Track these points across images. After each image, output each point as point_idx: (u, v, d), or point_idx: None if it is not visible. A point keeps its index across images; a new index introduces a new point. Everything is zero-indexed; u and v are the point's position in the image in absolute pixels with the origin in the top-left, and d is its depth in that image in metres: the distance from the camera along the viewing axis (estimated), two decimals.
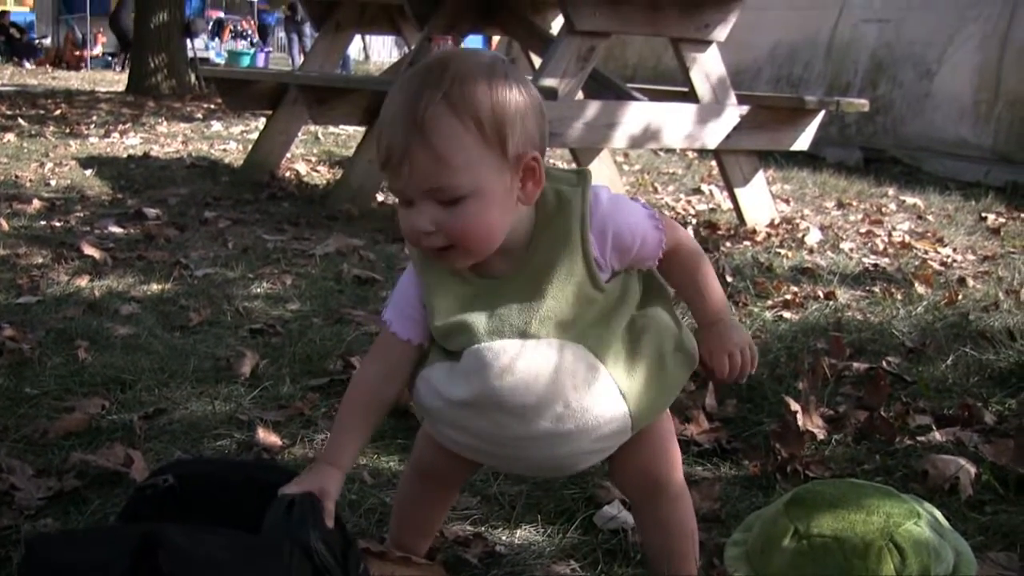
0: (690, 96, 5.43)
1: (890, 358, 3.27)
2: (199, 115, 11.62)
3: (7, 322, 3.34)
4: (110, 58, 25.14)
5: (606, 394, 1.60)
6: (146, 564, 1.42)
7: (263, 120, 7.93)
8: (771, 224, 5.64)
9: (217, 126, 10.35)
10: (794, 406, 2.65)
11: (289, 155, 7.56)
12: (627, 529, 2.09)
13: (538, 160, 1.55)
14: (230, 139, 9.32)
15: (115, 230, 4.96)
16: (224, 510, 1.71)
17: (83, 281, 3.94)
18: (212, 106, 12.59)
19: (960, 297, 4.09)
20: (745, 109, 5.42)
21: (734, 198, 5.70)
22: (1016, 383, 3.03)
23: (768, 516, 1.70)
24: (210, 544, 1.52)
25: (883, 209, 6.65)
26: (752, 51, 10.19)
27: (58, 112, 11.40)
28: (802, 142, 5.67)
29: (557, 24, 6.01)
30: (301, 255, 4.56)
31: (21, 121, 10.00)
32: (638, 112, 5.15)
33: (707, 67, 5.36)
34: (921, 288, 4.22)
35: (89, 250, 4.36)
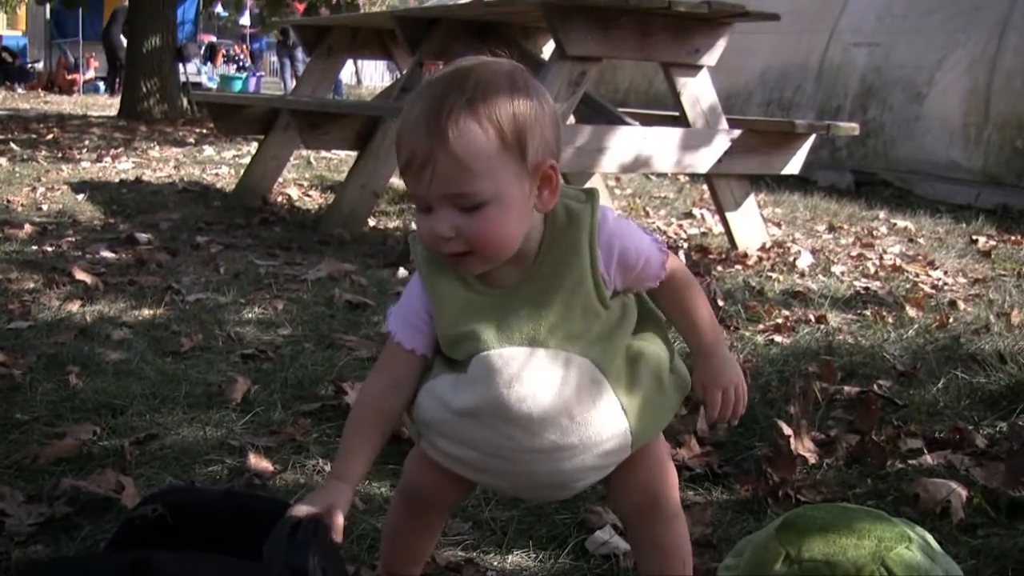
0: (681, 120, 5.45)
1: (881, 381, 3.28)
2: (191, 140, 11.63)
3: None
4: (99, 83, 25.12)
5: (609, 409, 1.62)
6: None
7: (255, 145, 7.93)
8: (762, 248, 5.65)
9: (209, 151, 10.36)
10: (785, 430, 2.65)
11: (281, 180, 7.56)
12: (619, 554, 2.08)
13: (555, 168, 1.58)
14: (222, 164, 9.33)
15: (107, 255, 4.95)
16: (214, 538, 1.71)
17: (74, 306, 3.94)
18: (204, 131, 12.59)
19: (951, 320, 4.10)
20: (736, 133, 5.43)
21: (725, 222, 5.71)
22: (1007, 406, 3.04)
23: (759, 541, 1.70)
24: (201, 571, 1.52)
25: (874, 232, 6.67)
26: (743, 75, 10.23)
27: (50, 136, 11.40)
28: (793, 166, 5.69)
29: (548, 49, 6.02)
30: (293, 280, 4.56)
31: (13, 145, 10.00)
32: (629, 137, 5.17)
33: (698, 92, 5.38)
34: (912, 311, 4.22)
35: (81, 275, 4.36)
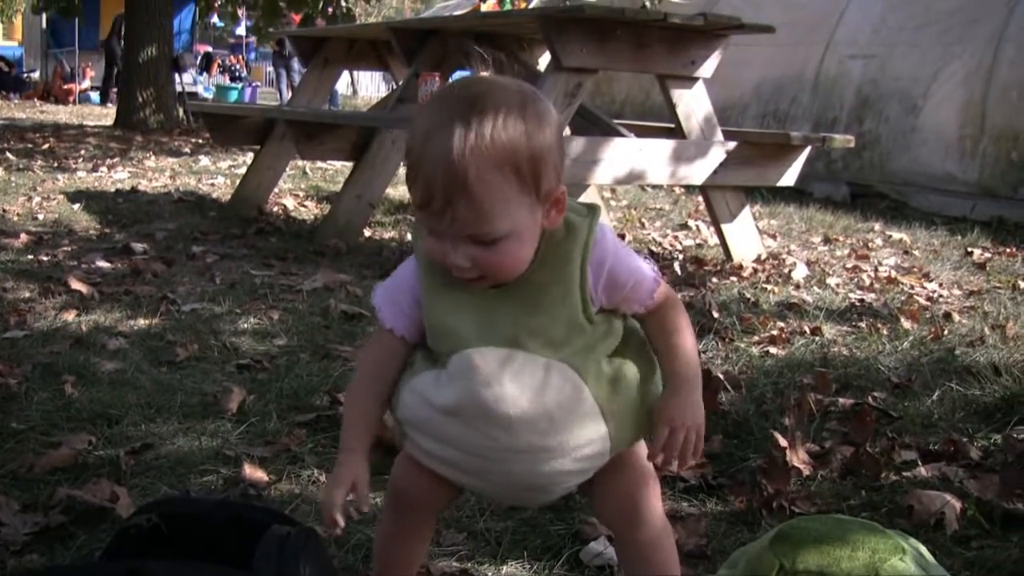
0: (677, 132, 5.46)
1: (876, 393, 3.28)
2: (187, 150, 11.63)
3: None
4: (92, 92, 25.09)
5: (588, 413, 1.64)
6: None
7: (251, 155, 7.94)
8: (757, 259, 5.66)
9: (205, 161, 10.36)
10: (780, 441, 2.65)
11: (277, 190, 7.57)
12: (613, 565, 2.08)
13: (564, 191, 1.61)
14: (218, 174, 9.33)
15: (102, 264, 4.95)
16: (209, 548, 1.71)
17: (70, 315, 3.94)
18: (200, 141, 12.60)
19: (946, 332, 4.10)
20: (731, 145, 5.44)
21: (721, 234, 5.72)
22: (1001, 418, 3.04)
23: (754, 552, 1.70)
24: None
25: (869, 244, 6.68)
26: (739, 87, 10.26)
27: (46, 146, 11.40)
28: (788, 178, 5.70)
29: (544, 60, 6.04)
30: (288, 290, 4.56)
31: (9, 155, 10.00)
32: (624, 148, 5.18)
33: (694, 103, 5.39)
34: (907, 323, 4.23)
35: (76, 284, 4.36)
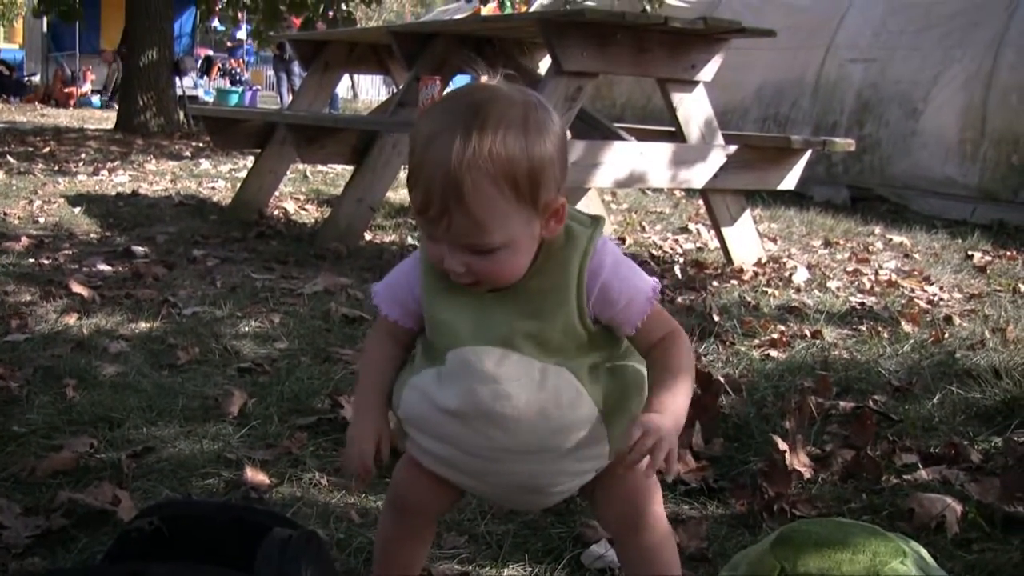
0: (677, 136, 5.47)
1: (876, 397, 3.28)
2: (187, 153, 11.64)
3: None
4: (95, 96, 25.11)
5: (586, 416, 1.64)
6: None
7: (251, 158, 7.94)
8: (758, 263, 5.66)
9: (205, 164, 10.37)
10: (781, 445, 2.66)
11: (277, 193, 7.57)
12: (614, 568, 2.09)
13: (564, 203, 1.61)
14: (218, 177, 9.33)
15: (103, 268, 4.95)
16: (210, 551, 1.72)
17: (71, 319, 3.94)
18: (200, 144, 12.61)
19: (946, 335, 4.11)
20: (732, 149, 5.45)
21: (721, 237, 5.73)
22: (1002, 421, 3.05)
23: (755, 555, 1.70)
24: None
25: (870, 248, 6.69)
26: (739, 91, 10.27)
27: (47, 149, 11.41)
28: (789, 181, 5.70)
29: (545, 64, 6.04)
30: (289, 294, 4.56)
31: (10, 158, 10.00)
32: (625, 152, 5.18)
33: (694, 107, 5.40)
34: (908, 327, 4.23)
35: (77, 288, 4.36)
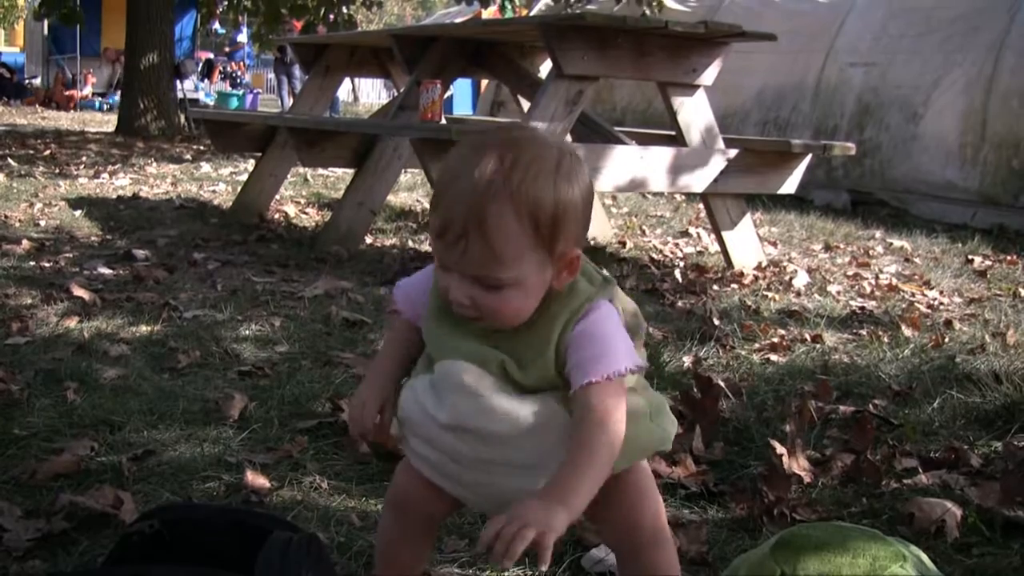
0: (678, 140, 5.47)
1: (876, 401, 3.29)
2: (188, 156, 11.65)
3: None
4: (98, 99, 25.13)
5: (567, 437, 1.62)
6: None
7: (252, 162, 7.94)
8: (758, 267, 5.67)
9: (206, 167, 10.37)
10: (780, 449, 2.66)
11: (278, 197, 7.58)
12: (614, 572, 2.08)
13: (579, 256, 1.60)
14: (219, 180, 9.34)
15: (104, 271, 4.96)
16: (211, 554, 1.72)
17: (72, 322, 3.94)
18: (201, 147, 12.62)
19: (946, 340, 4.11)
20: (732, 153, 5.46)
21: (721, 241, 5.73)
22: (1002, 426, 3.05)
23: (755, 559, 1.70)
24: None
25: (870, 252, 6.69)
26: (740, 95, 10.28)
27: (48, 152, 11.41)
28: (789, 185, 5.71)
29: (545, 68, 6.05)
30: (290, 297, 4.56)
31: (11, 161, 10.01)
32: (625, 156, 5.19)
33: (694, 111, 5.40)
34: (908, 331, 4.24)
35: (78, 291, 4.36)
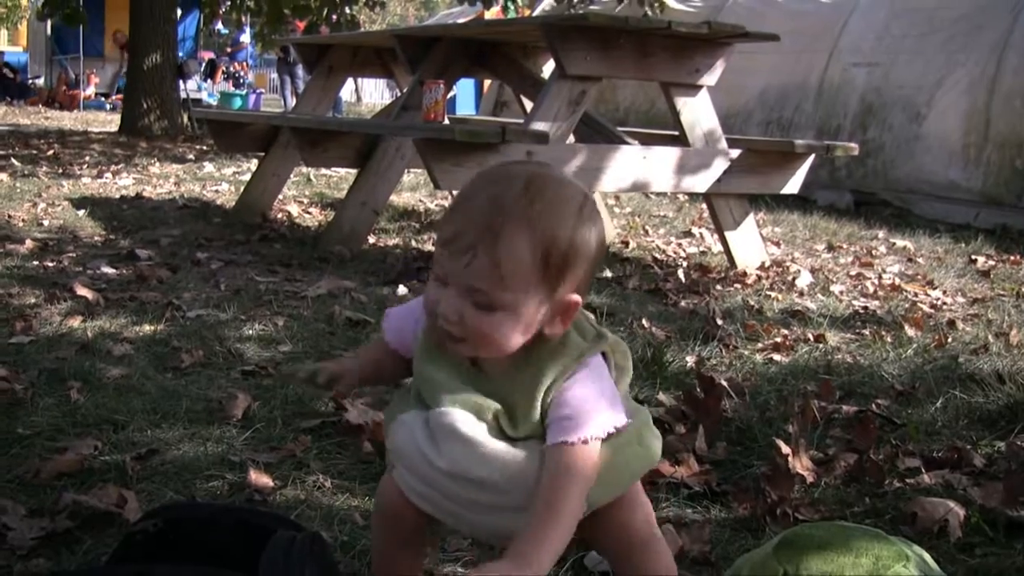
0: (680, 140, 5.47)
1: (879, 401, 3.28)
2: (191, 156, 11.65)
3: (0, 362, 3.34)
4: (103, 99, 25.17)
5: None
6: None
7: (255, 162, 7.95)
8: (761, 267, 5.67)
9: (209, 167, 10.38)
10: (784, 448, 2.66)
11: (281, 197, 7.58)
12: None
13: (578, 304, 1.59)
14: (222, 180, 9.34)
15: (108, 271, 4.96)
16: (214, 553, 1.72)
17: (76, 321, 3.95)
18: (204, 147, 12.62)
19: (950, 340, 4.11)
20: (735, 153, 5.46)
21: (724, 241, 5.73)
22: (1005, 426, 3.05)
23: (757, 559, 1.70)
24: None
25: (873, 252, 6.69)
26: (742, 95, 10.27)
27: (51, 152, 11.42)
28: (792, 185, 5.71)
29: (548, 68, 6.05)
30: (293, 297, 4.57)
31: (14, 161, 10.01)
32: (628, 156, 5.19)
33: (697, 111, 5.40)
34: (911, 331, 4.24)
35: (82, 290, 4.36)
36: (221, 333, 3.90)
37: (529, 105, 6.16)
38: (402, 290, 4.73)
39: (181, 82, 16.39)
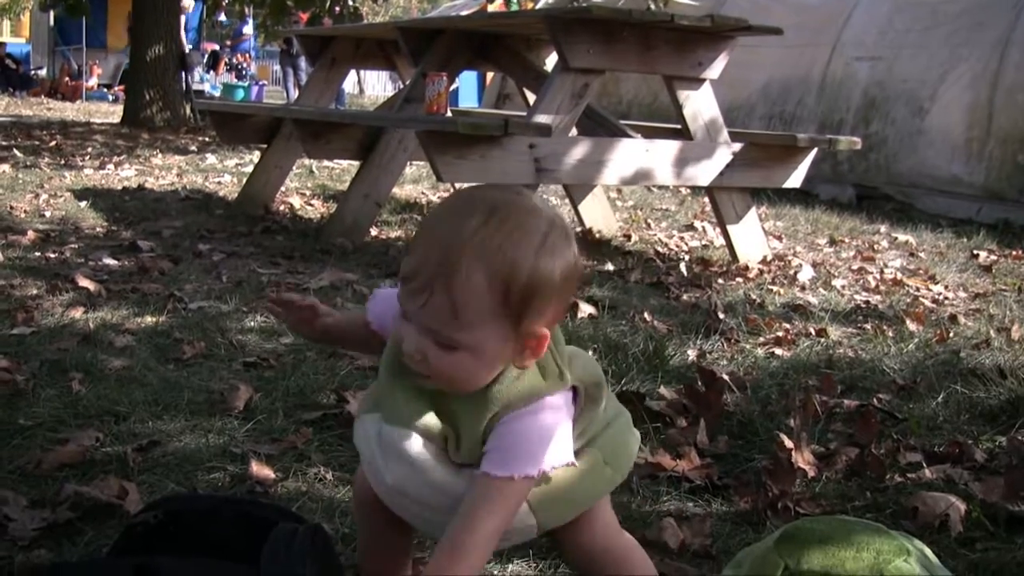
0: (683, 133, 5.47)
1: (881, 395, 3.29)
2: (194, 148, 11.64)
3: (1, 353, 3.34)
4: (105, 90, 25.18)
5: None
6: None
7: (258, 153, 7.95)
8: (763, 261, 5.67)
9: (212, 159, 10.37)
10: (785, 443, 2.66)
11: (283, 189, 7.58)
12: None
13: (546, 336, 1.54)
14: (224, 172, 9.34)
15: (109, 262, 4.96)
16: (215, 545, 1.72)
17: (77, 313, 3.95)
18: (207, 139, 12.62)
19: (951, 335, 4.11)
20: (738, 147, 5.45)
21: (727, 235, 5.73)
22: (1006, 421, 3.05)
23: (758, 552, 1.70)
24: None
25: (875, 246, 6.68)
26: (745, 88, 10.26)
27: (53, 143, 11.41)
28: (795, 179, 5.71)
29: (551, 61, 6.05)
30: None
31: (16, 152, 10.01)
32: (631, 149, 5.19)
33: (700, 105, 5.40)
34: (912, 325, 4.24)
35: (83, 282, 4.37)
36: (223, 325, 3.90)
37: (532, 98, 6.15)
38: None
39: (184, 74, 16.36)
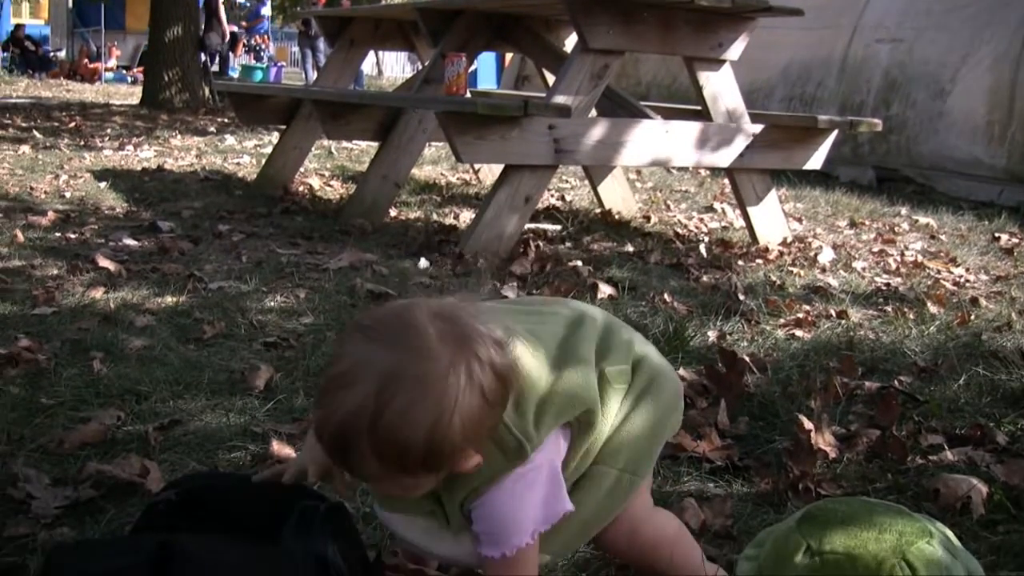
0: (703, 115, 5.45)
1: (902, 377, 3.27)
2: (212, 129, 11.67)
3: (23, 333, 3.36)
4: (124, 71, 25.25)
5: None
6: (163, 573, 1.43)
7: (277, 134, 7.95)
8: (783, 243, 5.65)
9: (231, 140, 10.39)
10: (806, 424, 2.66)
11: (303, 169, 7.58)
12: None
13: (478, 464, 1.49)
14: (244, 153, 9.36)
15: (129, 243, 4.98)
16: (236, 524, 1.73)
17: (98, 293, 3.96)
18: (226, 120, 12.64)
19: (972, 317, 4.09)
20: (758, 128, 5.44)
21: (747, 217, 5.71)
22: None
23: (780, 532, 1.70)
24: (225, 554, 1.53)
25: (896, 228, 6.65)
26: (765, 70, 10.21)
27: (72, 124, 11.45)
28: (815, 161, 5.69)
29: (571, 42, 6.03)
30: (314, 269, 4.57)
31: (36, 133, 10.05)
32: (650, 131, 5.18)
33: (720, 86, 5.38)
34: (933, 308, 4.22)
35: (104, 262, 4.38)
36: (243, 305, 3.91)
37: (551, 79, 6.14)
38: (423, 263, 4.73)
39: (203, 55, 16.38)
